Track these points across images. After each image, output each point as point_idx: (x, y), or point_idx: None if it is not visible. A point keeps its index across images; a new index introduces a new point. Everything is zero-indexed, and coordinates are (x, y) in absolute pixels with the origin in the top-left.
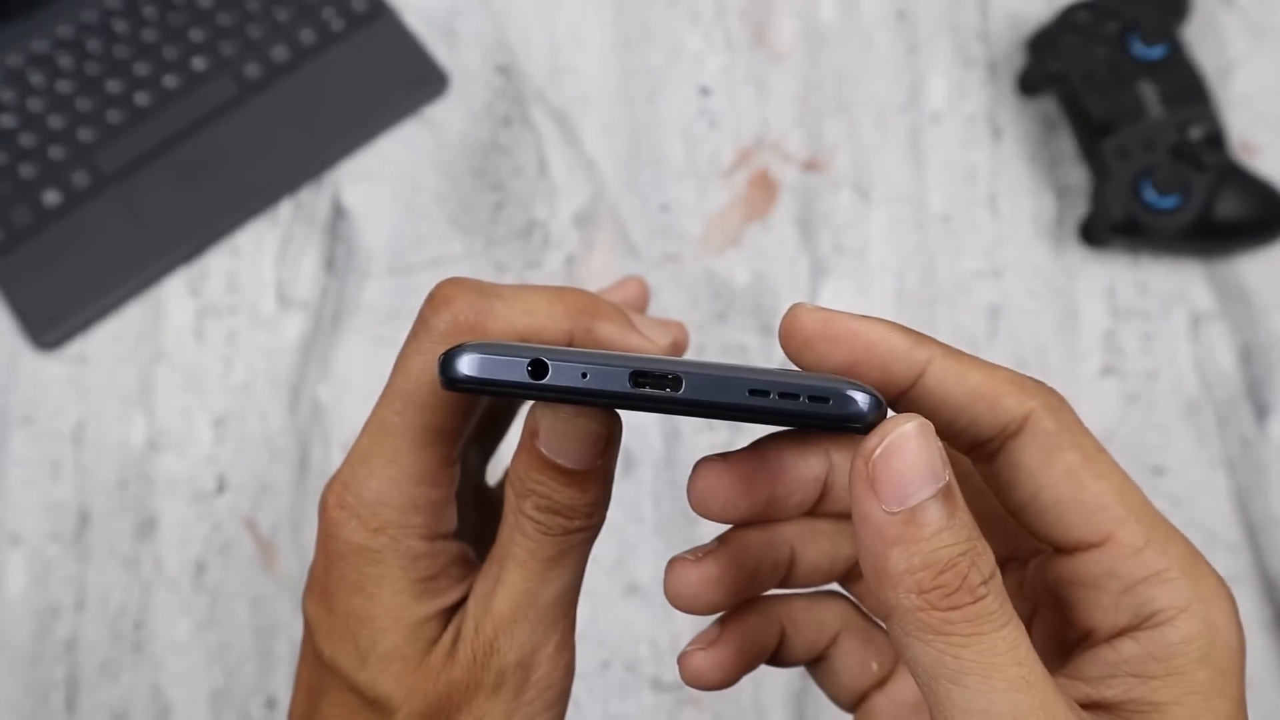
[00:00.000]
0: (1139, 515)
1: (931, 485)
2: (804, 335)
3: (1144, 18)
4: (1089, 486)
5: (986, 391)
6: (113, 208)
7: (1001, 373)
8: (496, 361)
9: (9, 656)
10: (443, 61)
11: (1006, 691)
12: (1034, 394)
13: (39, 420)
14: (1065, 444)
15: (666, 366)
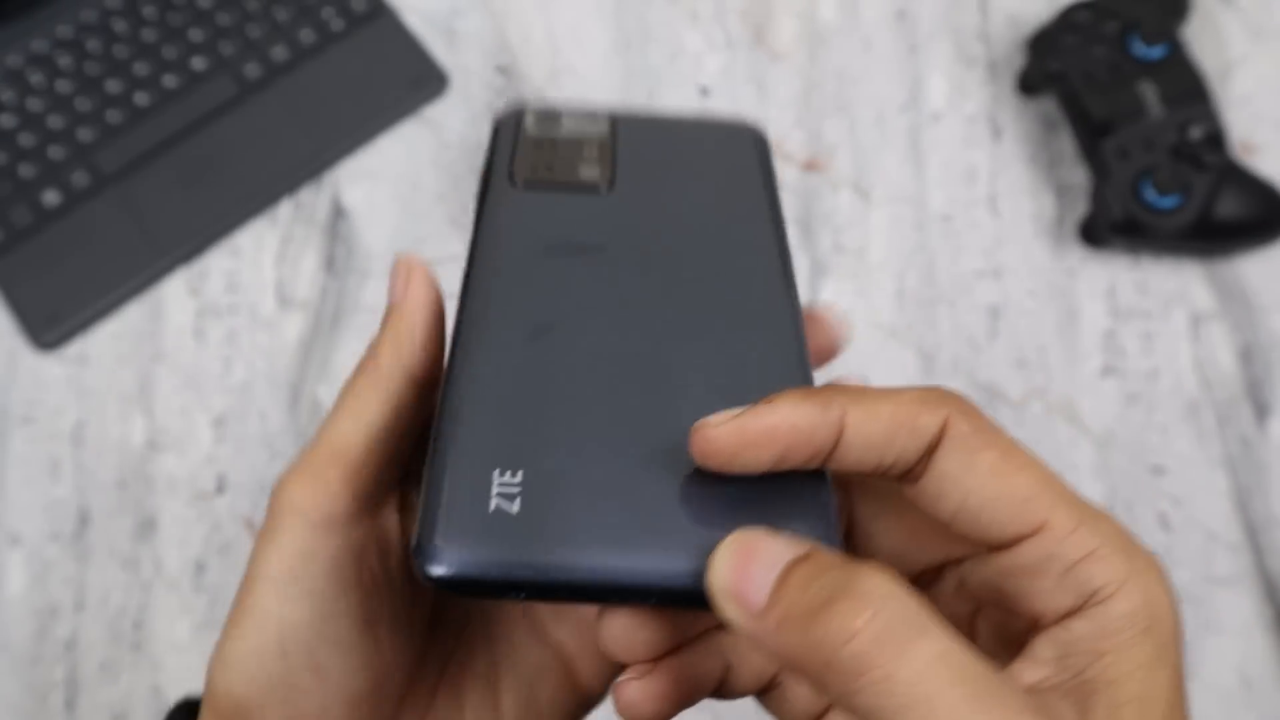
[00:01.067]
0: (1066, 500)
1: (768, 575)
2: (723, 454)
3: (1144, 18)
4: (1014, 479)
5: (902, 418)
6: (112, 208)
7: (907, 394)
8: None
9: (8, 656)
10: (443, 61)
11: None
12: (944, 403)
13: (39, 420)
14: (983, 444)
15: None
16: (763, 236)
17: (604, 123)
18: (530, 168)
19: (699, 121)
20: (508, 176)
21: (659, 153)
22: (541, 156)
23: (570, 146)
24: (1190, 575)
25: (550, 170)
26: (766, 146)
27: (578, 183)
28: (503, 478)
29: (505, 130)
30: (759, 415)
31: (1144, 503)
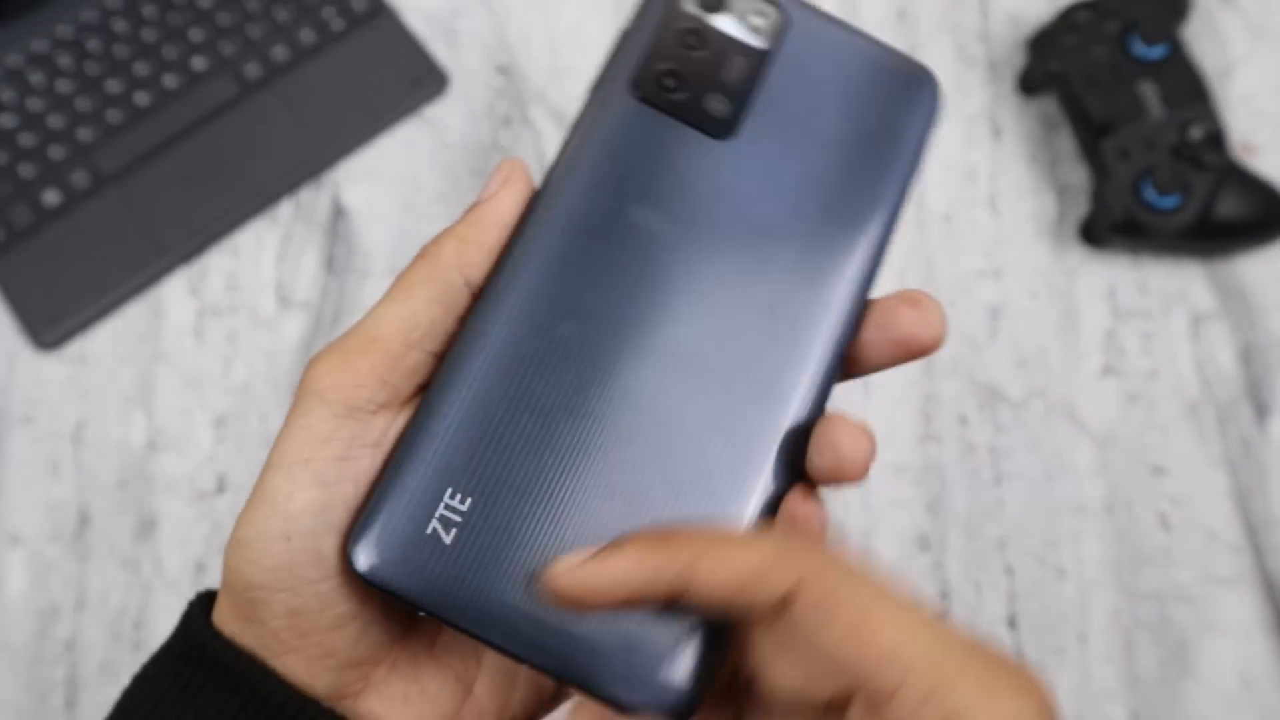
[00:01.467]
0: (922, 662)
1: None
2: (569, 600)
3: (1144, 18)
4: (868, 645)
5: (749, 576)
6: (113, 207)
7: (761, 549)
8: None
9: (9, 656)
10: (443, 61)
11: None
12: (798, 563)
13: (39, 420)
14: (835, 609)
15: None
16: (851, 260)
17: (773, 19)
18: (658, 68)
19: (878, 53)
20: (629, 79)
21: (809, 93)
22: (677, 54)
23: (715, 51)
24: (1190, 575)
25: (676, 81)
26: (936, 110)
27: (698, 115)
28: (450, 501)
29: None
30: (602, 566)
31: (1144, 503)
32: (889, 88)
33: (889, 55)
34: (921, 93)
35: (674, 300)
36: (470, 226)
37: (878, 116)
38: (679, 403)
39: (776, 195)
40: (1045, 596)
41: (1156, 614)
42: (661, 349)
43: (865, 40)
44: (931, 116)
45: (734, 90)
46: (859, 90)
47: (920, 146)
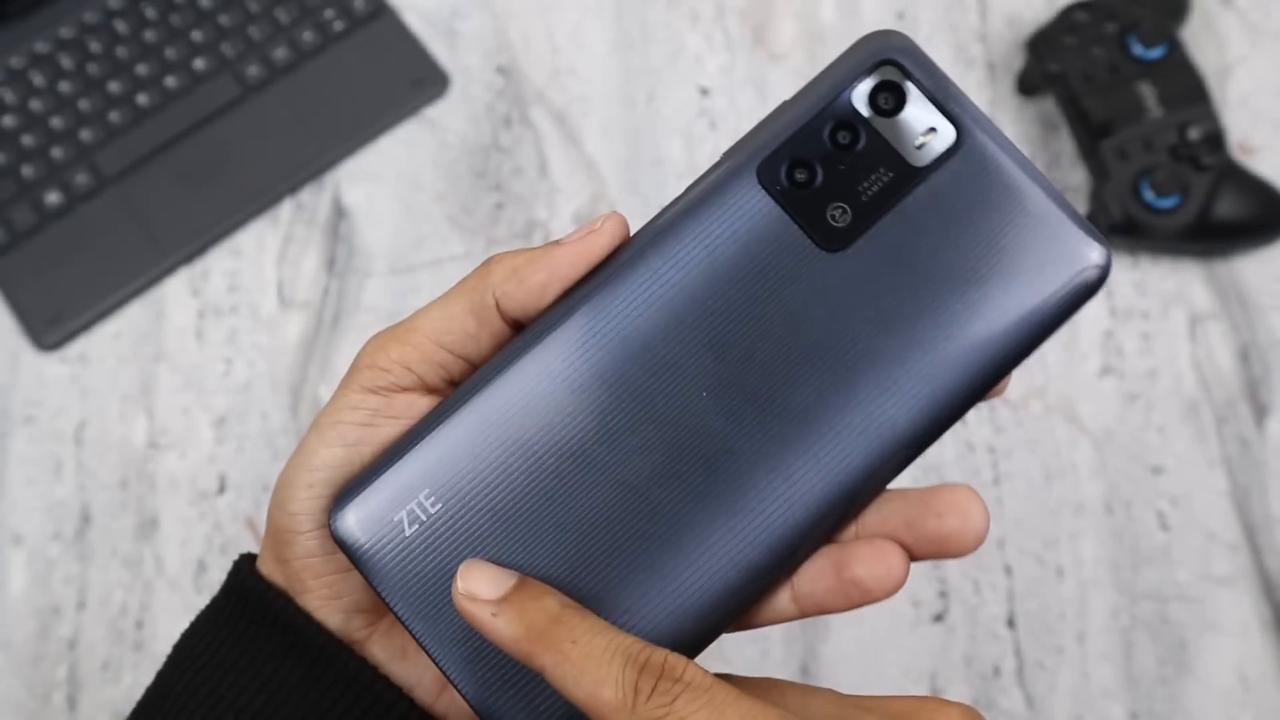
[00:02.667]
0: None
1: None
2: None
3: (1143, 18)
4: None
5: (589, 710)
6: (114, 208)
7: (599, 696)
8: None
9: (11, 656)
10: (443, 62)
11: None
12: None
13: (40, 420)
14: None
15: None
16: (906, 409)
17: (946, 140)
18: (793, 157)
19: (1047, 205)
20: (761, 158)
21: (948, 227)
22: (822, 147)
23: (864, 156)
24: (1189, 575)
25: (806, 176)
26: (1091, 285)
27: (813, 220)
28: (424, 500)
29: (836, 76)
30: (480, 616)
31: (1143, 502)
32: (1045, 244)
33: (1060, 213)
34: (1081, 262)
35: (710, 401)
36: (529, 262)
37: (1014, 272)
38: (667, 500)
39: (860, 321)
40: (1044, 596)
41: (1155, 613)
42: (679, 446)
43: (1040, 188)
44: (1082, 290)
45: (865, 204)
46: (1006, 237)
47: (1053, 318)
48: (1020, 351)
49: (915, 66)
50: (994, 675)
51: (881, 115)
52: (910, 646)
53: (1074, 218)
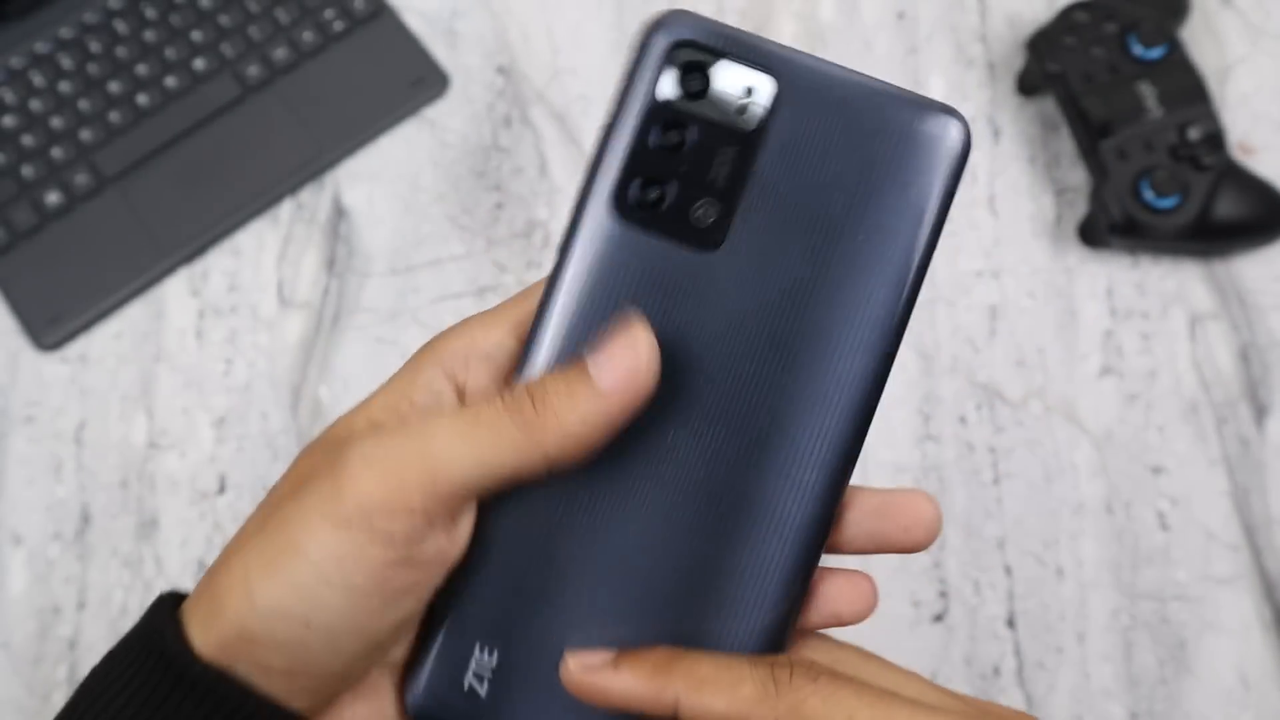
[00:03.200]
0: None
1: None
2: (577, 693)
3: (1143, 18)
4: None
5: (732, 716)
6: (114, 208)
7: (741, 693)
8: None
9: (11, 656)
10: (443, 62)
11: None
12: (771, 708)
13: (40, 420)
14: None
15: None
16: (858, 360)
17: (766, 89)
18: (637, 179)
19: (886, 100)
20: (609, 193)
21: (806, 169)
22: (658, 157)
23: (700, 146)
24: (1189, 575)
25: (658, 192)
26: (958, 155)
27: (682, 229)
28: (480, 655)
29: (639, 81)
30: (608, 679)
31: (1143, 502)
32: (900, 140)
33: (900, 101)
34: (941, 139)
35: (675, 445)
36: (583, 424)
37: (889, 179)
38: (681, 541)
39: (769, 307)
40: (1044, 596)
41: (1155, 613)
42: (661, 492)
43: (872, 87)
44: (953, 164)
45: (722, 190)
46: (865, 152)
47: (939, 204)
48: (926, 259)
49: (705, 35)
50: (994, 675)
51: (696, 98)
52: (910, 646)
53: (914, 98)
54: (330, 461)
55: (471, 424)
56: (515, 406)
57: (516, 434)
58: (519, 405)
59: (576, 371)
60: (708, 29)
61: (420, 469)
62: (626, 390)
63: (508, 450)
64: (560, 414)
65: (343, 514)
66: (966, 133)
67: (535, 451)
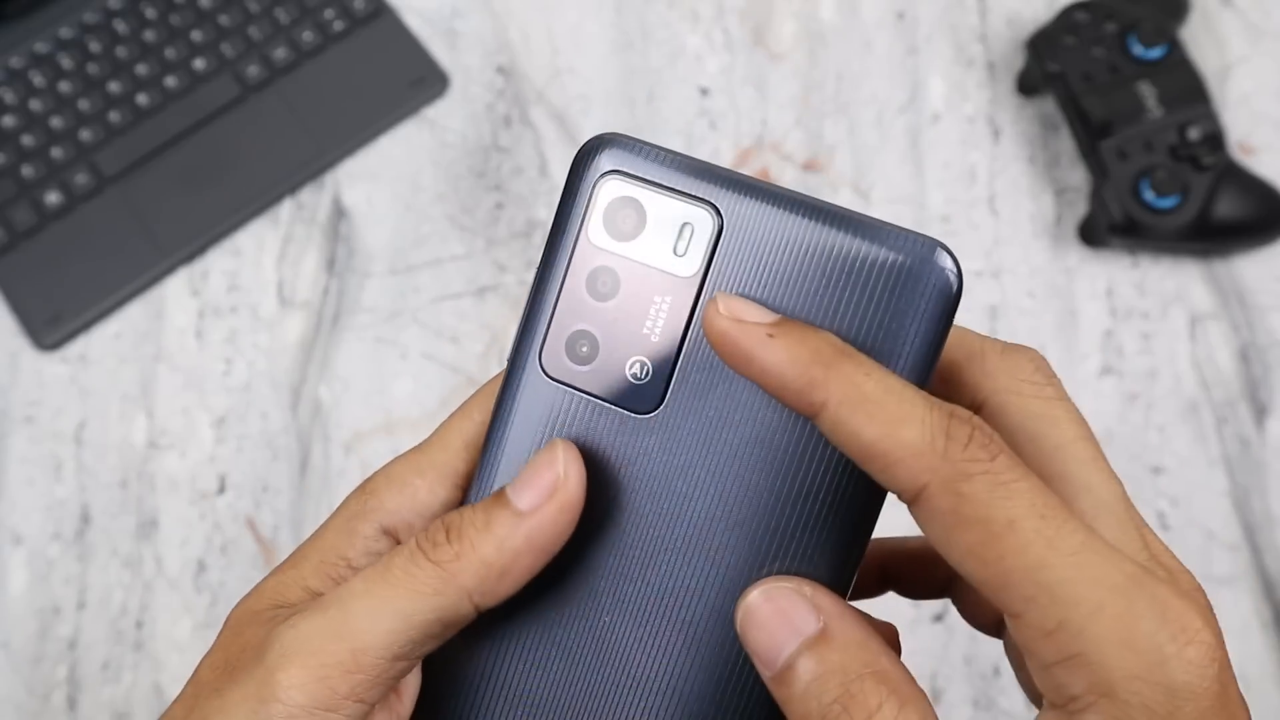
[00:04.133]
0: (1052, 593)
1: (789, 645)
2: (722, 351)
3: (1143, 18)
4: (992, 567)
5: (877, 454)
6: (114, 208)
7: (898, 436)
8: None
9: (11, 655)
10: (443, 62)
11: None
12: (927, 469)
13: (40, 420)
14: (963, 522)
15: None
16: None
17: (708, 225)
18: (566, 334)
19: (850, 239)
20: (538, 350)
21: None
22: (588, 309)
23: (633, 294)
24: None
25: (588, 348)
26: (942, 297)
27: (615, 389)
28: None
29: (568, 219)
30: (750, 339)
31: (1143, 502)
32: (873, 281)
33: (871, 232)
34: (924, 277)
35: (606, 621)
36: (510, 557)
37: (859, 328)
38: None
39: (717, 476)
40: None
41: None
42: (595, 659)
43: (835, 216)
44: (941, 308)
45: (657, 345)
46: (827, 296)
47: (924, 357)
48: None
49: (638, 163)
50: (994, 675)
51: (628, 239)
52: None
53: (888, 228)
54: (256, 652)
55: (383, 579)
56: (429, 545)
57: (432, 577)
58: (433, 543)
59: (494, 498)
60: (643, 155)
61: (342, 652)
62: (548, 509)
63: (427, 596)
64: (477, 544)
65: (262, 709)
66: (956, 267)
67: (455, 591)
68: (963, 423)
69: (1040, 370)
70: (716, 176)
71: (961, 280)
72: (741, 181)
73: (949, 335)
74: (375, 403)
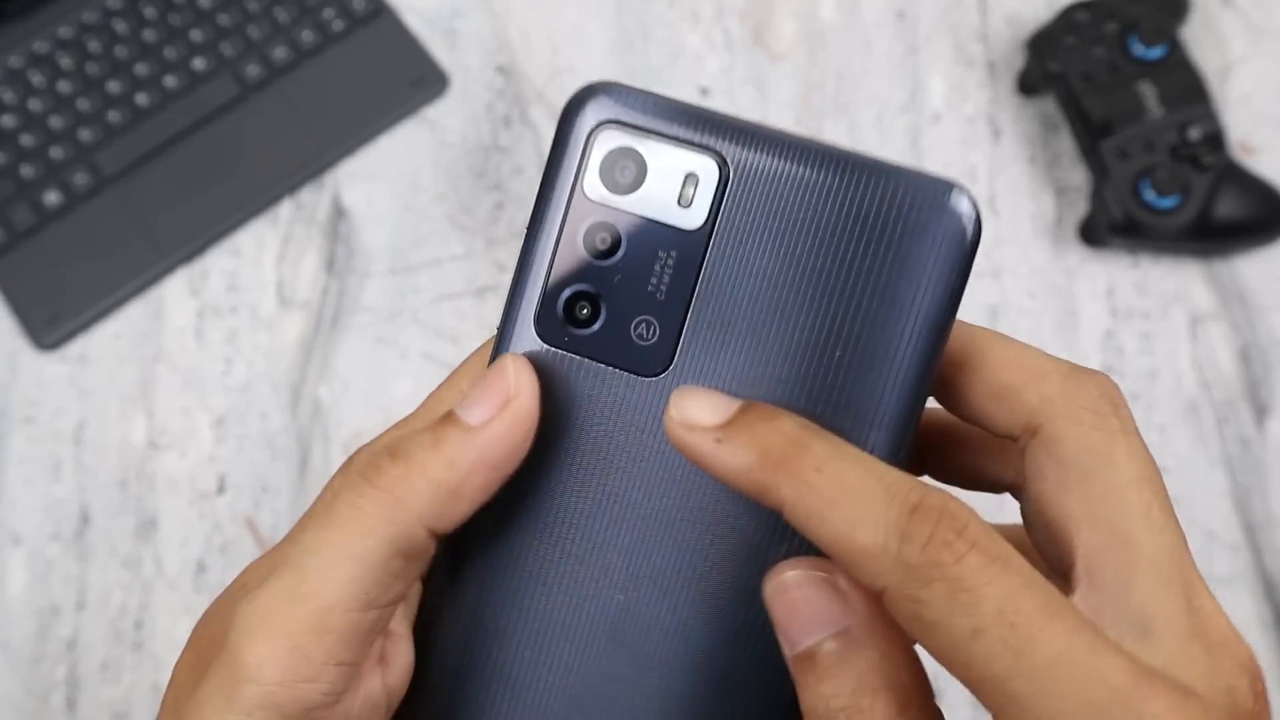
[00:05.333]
0: (1022, 705)
1: (813, 633)
2: (683, 449)
3: (1143, 18)
4: (960, 672)
5: (837, 555)
6: (113, 208)
7: (851, 539)
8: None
9: (10, 656)
10: (443, 62)
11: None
12: (883, 571)
13: (40, 420)
14: (925, 628)
15: None
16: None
17: (712, 173)
18: (563, 296)
19: (865, 177)
20: (533, 315)
21: (765, 272)
22: (586, 267)
23: (636, 250)
24: None
25: (589, 310)
26: (962, 240)
27: (619, 353)
28: None
29: (560, 172)
30: (701, 445)
31: None
32: (888, 225)
33: (885, 174)
34: (942, 220)
35: (627, 601)
36: (452, 469)
37: (875, 279)
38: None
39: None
40: None
41: None
42: (599, 633)
43: (847, 159)
44: (960, 253)
45: (664, 304)
46: (842, 244)
47: (943, 307)
48: (926, 374)
49: (635, 111)
50: None
51: (627, 191)
52: None
53: (902, 169)
54: (221, 638)
55: (330, 521)
56: (373, 470)
57: (380, 505)
58: (377, 468)
59: (442, 418)
60: (639, 103)
61: (306, 614)
62: (500, 423)
63: (379, 528)
64: (426, 464)
65: (244, 707)
66: (975, 210)
67: (406, 518)
68: (924, 520)
69: (1107, 398)
70: (720, 123)
71: (980, 223)
72: (746, 127)
73: (1008, 350)
74: (375, 403)
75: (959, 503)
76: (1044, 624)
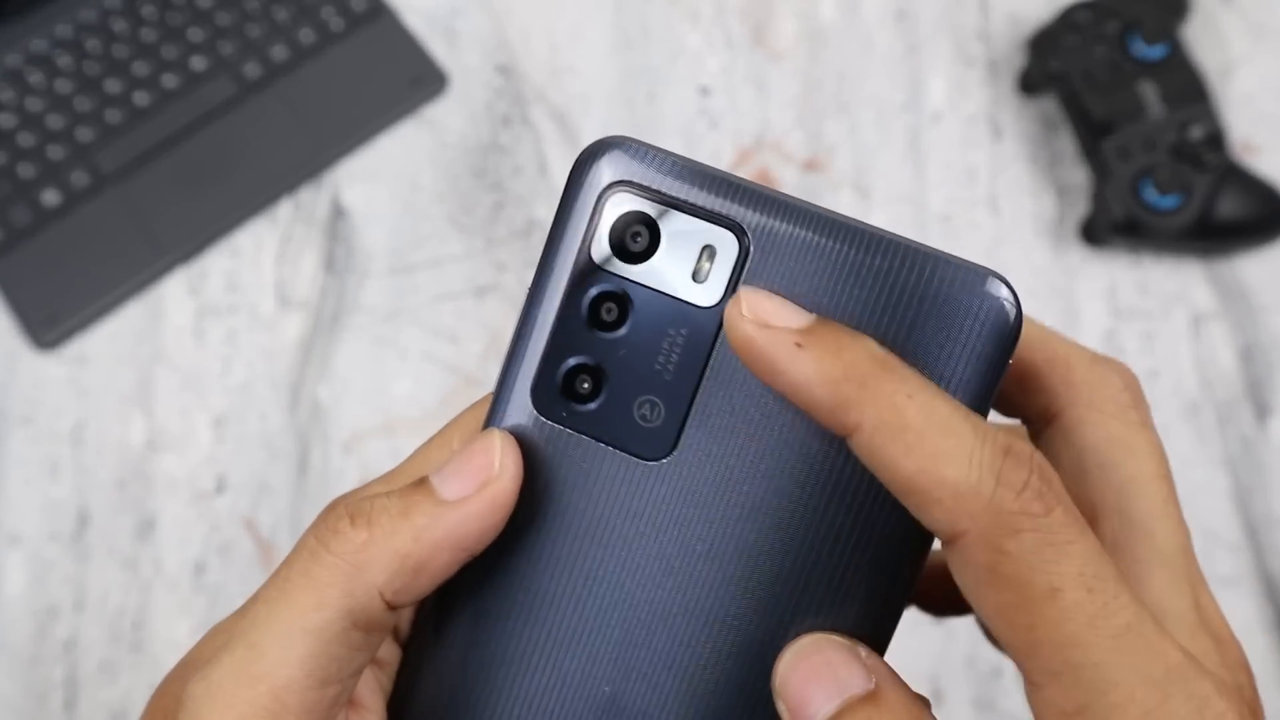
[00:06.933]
0: (1080, 675)
1: (831, 701)
2: (746, 357)
3: (1144, 17)
4: (1020, 633)
5: (914, 489)
6: (112, 207)
7: (938, 473)
8: None
9: (8, 657)
10: (443, 61)
11: None
12: (970, 513)
13: (38, 420)
14: (998, 580)
15: None
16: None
17: (730, 248)
18: (563, 368)
19: (894, 265)
20: (530, 385)
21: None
22: (589, 339)
23: (644, 323)
24: None
25: (590, 384)
26: (1008, 347)
27: (620, 433)
28: None
29: (568, 232)
30: (777, 348)
31: None
32: (919, 316)
33: (916, 259)
34: (978, 311)
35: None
36: (417, 543)
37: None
38: None
39: (732, 537)
40: None
41: None
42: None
43: (877, 241)
44: (996, 349)
45: (671, 384)
46: (869, 329)
47: (977, 395)
48: None
49: (652, 174)
50: (994, 677)
51: (638, 260)
52: (911, 647)
53: (935, 254)
54: (177, 714)
55: (283, 594)
56: (330, 534)
57: (336, 574)
58: (334, 532)
59: (414, 484)
60: (656, 165)
61: (260, 695)
62: (476, 502)
63: (335, 600)
64: (392, 532)
65: None
66: (1015, 298)
67: (363, 588)
68: (1019, 464)
69: (1129, 390)
70: (742, 192)
71: (1020, 312)
72: (770, 198)
73: (1030, 331)
74: (374, 403)
75: (1041, 455)
76: (1118, 592)
